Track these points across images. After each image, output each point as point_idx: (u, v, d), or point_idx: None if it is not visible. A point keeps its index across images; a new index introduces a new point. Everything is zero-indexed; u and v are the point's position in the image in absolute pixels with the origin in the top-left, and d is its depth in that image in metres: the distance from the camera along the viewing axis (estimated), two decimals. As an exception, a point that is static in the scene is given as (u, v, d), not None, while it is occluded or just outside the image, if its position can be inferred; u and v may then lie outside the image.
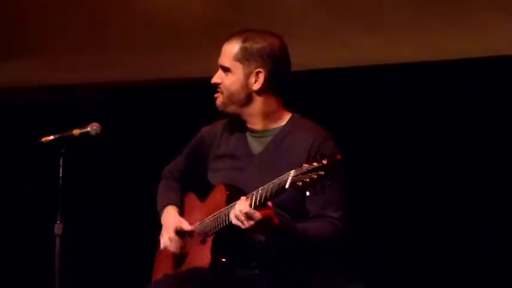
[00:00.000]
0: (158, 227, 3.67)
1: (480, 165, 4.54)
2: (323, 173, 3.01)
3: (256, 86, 3.48)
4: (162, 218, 3.67)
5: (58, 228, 3.70)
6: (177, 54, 5.14)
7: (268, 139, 3.51)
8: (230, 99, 3.50)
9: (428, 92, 4.60)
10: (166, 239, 3.60)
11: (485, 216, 4.52)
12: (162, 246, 3.63)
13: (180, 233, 3.57)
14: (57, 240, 3.70)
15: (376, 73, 4.68)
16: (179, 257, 3.59)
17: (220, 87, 3.52)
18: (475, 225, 4.53)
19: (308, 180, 3.03)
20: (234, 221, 3.22)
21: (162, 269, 3.65)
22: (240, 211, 3.18)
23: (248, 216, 3.17)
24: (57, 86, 5.40)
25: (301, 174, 3.05)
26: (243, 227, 3.20)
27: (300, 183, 3.04)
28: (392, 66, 4.67)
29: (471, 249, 4.52)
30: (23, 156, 5.30)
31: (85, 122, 3.77)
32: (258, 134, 3.53)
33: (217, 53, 3.54)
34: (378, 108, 4.69)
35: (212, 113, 3.60)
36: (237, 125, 3.56)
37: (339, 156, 3.05)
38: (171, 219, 3.63)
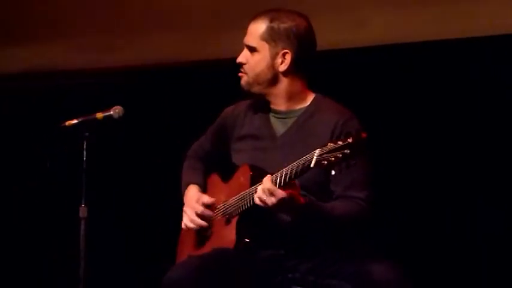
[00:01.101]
0: (182, 209, 3.66)
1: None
2: (348, 151, 3.00)
3: (282, 67, 3.46)
4: (184, 198, 3.67)
5: (83, 211, 3.73)
6: (192, 35, 5.11)
7: (291, 120, 3.50)
8: (256, 79, 3.49)
9: (450, 71, 4.55)
10: (187, 217, 3.59)
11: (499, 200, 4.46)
12: (183, 224, 3.62)
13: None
14: (82, 223, 3.73)
15: (395, 52, 4.64)
16: (203, 238, 3.60)
17: (244, 67, 3.51)
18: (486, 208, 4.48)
19: (333, 159, 3.02)
20: (257, 202, 3.22)
21: (186, 251, 3.66)
22: (263, 188, 3.17)
23: (270, 193, 3.15)
24: (78, 70, 5.41)
25: (326, 153, 3.04)
26: (266, 202, 3.17)
27: (325, 162, 3.03)
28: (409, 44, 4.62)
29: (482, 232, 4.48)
30: (43, 139, 5.33)
31: (100, 106, 3.80)
32: (281, 115, 3.52)
33: (231, 35, 3.52)
34: (400, 87, 4.63)
35: (230, 94, 3.60)
36: (261, 105, 3.55)
37: (364, 134, 3.03)
38: (192, 196, 3.63)
